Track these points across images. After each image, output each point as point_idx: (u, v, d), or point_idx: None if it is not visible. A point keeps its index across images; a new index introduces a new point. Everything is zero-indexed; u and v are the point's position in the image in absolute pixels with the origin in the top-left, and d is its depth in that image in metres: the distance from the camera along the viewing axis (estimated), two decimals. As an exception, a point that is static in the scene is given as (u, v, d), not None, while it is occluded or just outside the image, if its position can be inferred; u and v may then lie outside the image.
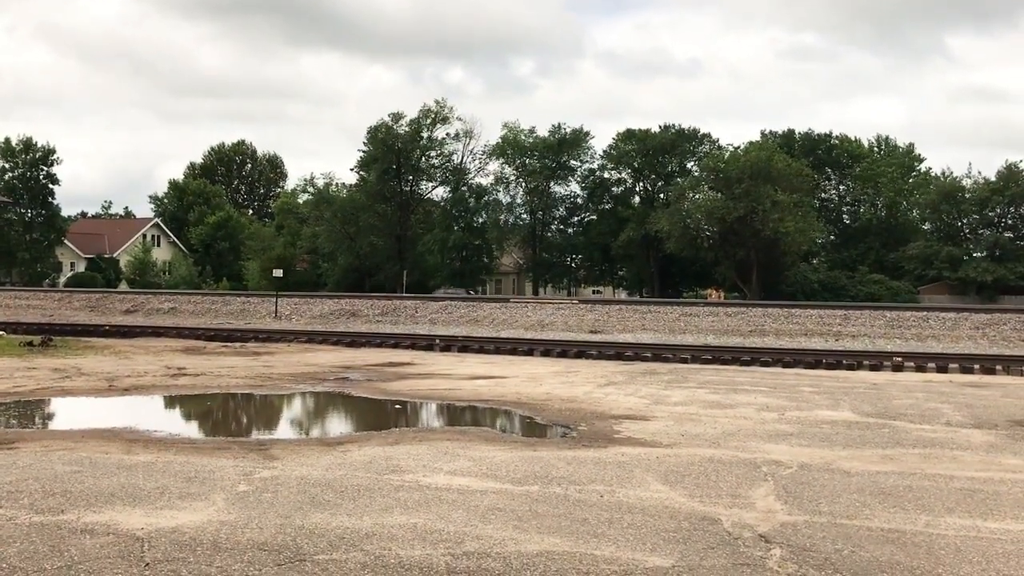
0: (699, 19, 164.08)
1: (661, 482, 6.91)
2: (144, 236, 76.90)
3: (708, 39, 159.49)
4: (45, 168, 68.00)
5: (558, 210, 69.94)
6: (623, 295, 69.61)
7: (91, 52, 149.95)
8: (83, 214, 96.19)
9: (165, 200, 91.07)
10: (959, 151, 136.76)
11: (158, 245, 77.87)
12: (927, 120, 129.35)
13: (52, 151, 68.27)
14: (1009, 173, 57.62)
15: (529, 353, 20.83)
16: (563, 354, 20.60)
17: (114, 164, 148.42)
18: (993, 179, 58.21)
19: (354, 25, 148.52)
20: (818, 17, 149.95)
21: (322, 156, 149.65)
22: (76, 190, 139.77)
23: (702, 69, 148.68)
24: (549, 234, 70.09)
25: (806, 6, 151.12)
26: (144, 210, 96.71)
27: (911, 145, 70.89)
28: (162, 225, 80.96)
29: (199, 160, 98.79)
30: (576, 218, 70.32)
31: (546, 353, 20.75)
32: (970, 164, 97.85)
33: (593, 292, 75.42)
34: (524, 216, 69.40)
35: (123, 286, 65.58)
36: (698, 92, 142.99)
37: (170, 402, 12.48)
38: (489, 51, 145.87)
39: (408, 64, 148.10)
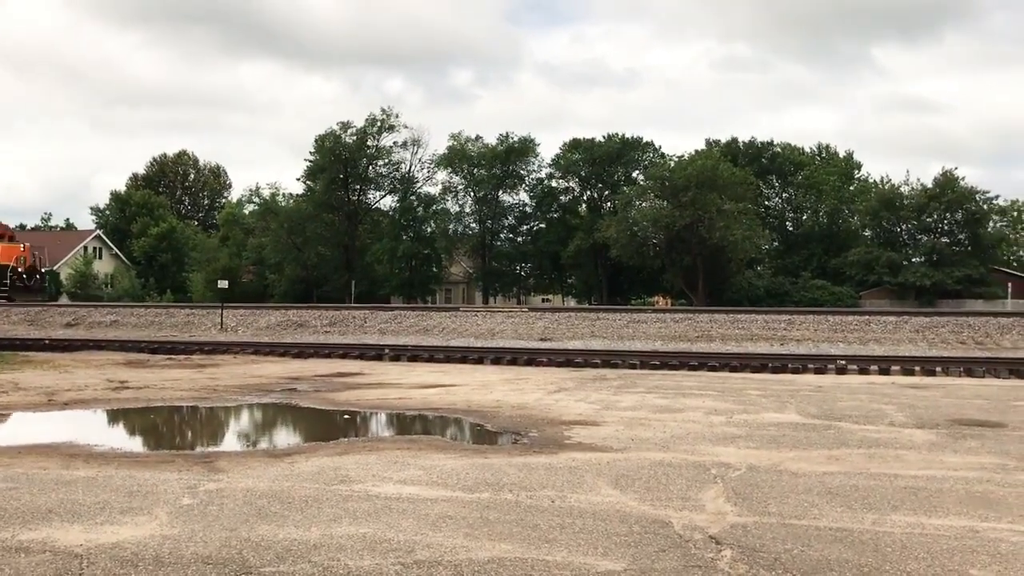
0: (633, 30, 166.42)
1: (612, 486, 6.91)
2: (85, 248, 75.14)
3: (643, 50, 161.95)
4: (-21, 179, 66.17)
5: (507, 219, 70.06)
6: (572, 303, 69.94)
7: (21, 61, 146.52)
8: (22, 226, 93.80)
9: (107, 212, 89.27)
10: (890, 160, 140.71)
11: (100, 257, 76.14)
12: (858, 130, 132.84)
13: (-15, 161, 66.52)
14: (945, 180, 59.16)
15: (479, 361, 20.76)
16: (513, 361, 20.57)
17: (50, 175, 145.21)
18: (930, 186, 59.73)
19: (290, 34, 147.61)
20: (748, 27, 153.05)
21: (261, 166, 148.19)
22: (11, 202, 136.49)
23: (639, 79, 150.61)
24: (498, 243, 70.13)
25: (736, 16, 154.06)
26: (85, 222, 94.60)
27: (851, 153, 72.53)
28: (103, 237, 79.18)
29: (139, 170, 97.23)
30: (525, 227, 70.50)
31: (496, 361, 20.70)
32: (908, 171, 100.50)
33: (543, 300, 75.66)
34: (473, 225, 69.39)
35: (64, 299, 64.03)
36: (636, 102, 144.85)
37: (112, 416, 12.17)
38: (428, 61, 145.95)
39: (346, 74, 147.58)
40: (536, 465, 7.80)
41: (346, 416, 12.00)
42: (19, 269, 41.05)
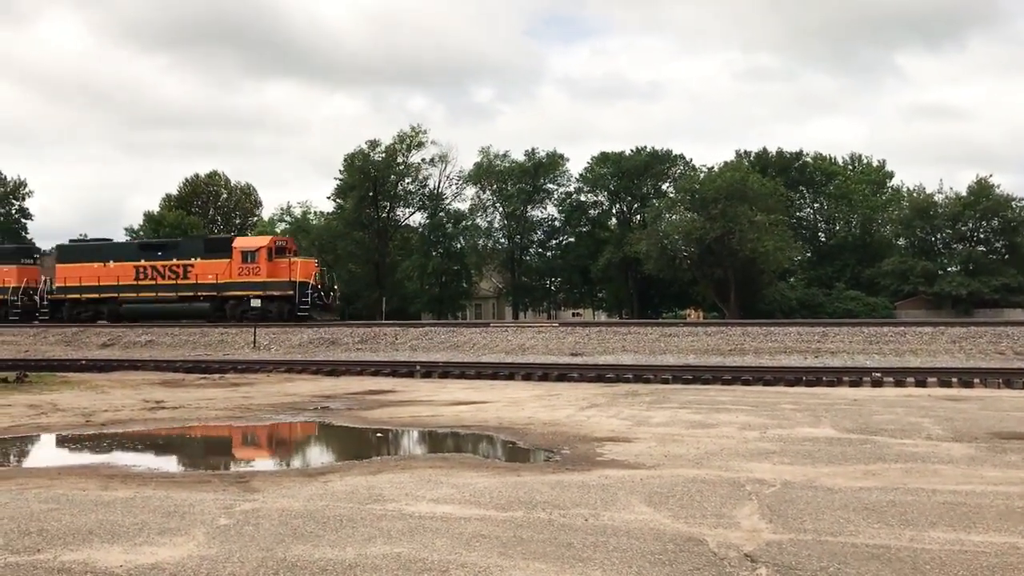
0: (654, 43, 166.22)
1: (645, 504, 6.89)
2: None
3: (665, 63, 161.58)
4: (17, 202, 67.41)
5: (536, 234, 70.15)
6: (603, 317, 69.79)
7: (50, 86, 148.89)
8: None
9: (141, 232, 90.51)
10: (917, 168, 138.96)
11: (134, 277, 77.02)
12: (883, 138, 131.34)
13: (23, 184, 67.79)
14: (980, 188, 58.44)
15: (510, 377, 20.77)
16: (544, 377, 20.54)
17: (82, 197, 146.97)
18: (964, 194, 59.00)
19: (313, 55, 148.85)
20: (770, 38, 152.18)
21: (288, 185, 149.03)
22: (46, 224, 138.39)
23: (662, 92, 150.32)
24: (528, 258, 70.21)
25: (758, 27, 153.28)
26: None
27: (883, 162, 71.90)
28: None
29: (169, 191, 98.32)
30: (554, 241, 70.55)
31: (527, 377, 20.68)
32: (941, 180, 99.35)
33: (573, 315, 75.53)
34: (502, 240, 69.54)
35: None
36: (659, 115, 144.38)
37: (148, 436, 12.31)
38: (449, 79, 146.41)
39: (369, 92, 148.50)
40: (569, 483, 7.79)
41: (379, 434, 12.06)
42: (318, 286, 37.36)
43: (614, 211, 69.67)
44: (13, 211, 68.27)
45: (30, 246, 50.59)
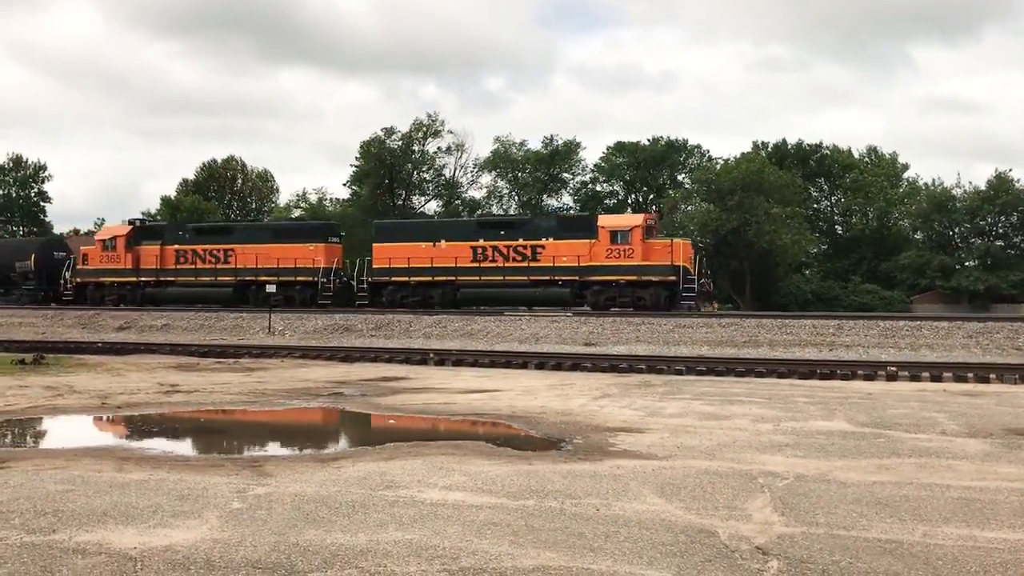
0: (666, 34, 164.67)
1: (657, 495, 6.89)
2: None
3: (677, 53, 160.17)
4: (36, 186, 67.84)
5: (551, 223, 70.03)
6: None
7: (65, 71, 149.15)
8: (76, 231, 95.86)
9: (158, 217, 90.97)
10: (932, 161, 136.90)
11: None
12: (898, 131, 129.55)
13: (43, 168, 68.20)
14: (999, 182, 57.91)
15: (523, 366, 20.76)
16: (557, 367, 20.54)
17: (98, 182, 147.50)
18: (983, 188, 58.49)
19: (324, 41, 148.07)
20: (782, 30, 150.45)
21: (302, 172, 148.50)
22: (62, 208, 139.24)
23: (674, 82, 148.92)
24: (543, 247, 70.08)
25: (770, 19, 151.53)
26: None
27: (895, 154, 71.30)
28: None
29: (184, 176, 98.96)
30: (570, 231, 70.38)
31: (540, 366, 20.68)
32: (959, 174, 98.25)
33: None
34: (517, 229, 69.43)
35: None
36: (671, 105, 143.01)
37: (163, 419, 12.39)
38: (460, 67, 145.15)
39: (381, 80, 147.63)
40: (581, 472, 7.79)
41: (391, 421, 12.10)
42: (700, 272, 33.60)
43: (629, 201, 69.46)
44: (33, 194, 68.68)
45: (334, 224, 45.56)
